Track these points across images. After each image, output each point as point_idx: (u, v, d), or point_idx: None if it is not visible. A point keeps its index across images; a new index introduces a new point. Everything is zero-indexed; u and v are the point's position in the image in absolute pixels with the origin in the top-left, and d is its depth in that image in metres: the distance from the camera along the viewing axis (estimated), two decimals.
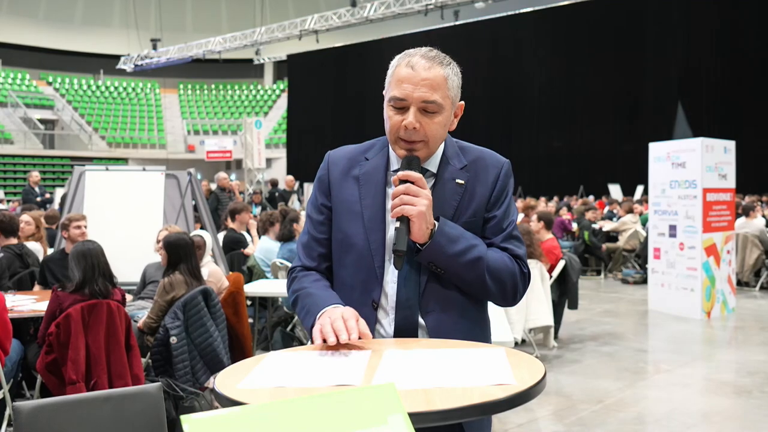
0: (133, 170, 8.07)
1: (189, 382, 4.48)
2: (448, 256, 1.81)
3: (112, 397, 2.28)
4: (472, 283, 1.86)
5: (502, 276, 1.87)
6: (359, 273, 1.88)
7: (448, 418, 1.26)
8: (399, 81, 1.83)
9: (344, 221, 1.92)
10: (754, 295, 10.32)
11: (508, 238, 1.94)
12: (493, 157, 1.99)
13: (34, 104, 34.59)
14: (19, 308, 4.73)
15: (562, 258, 7.06)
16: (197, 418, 0.87)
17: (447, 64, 1.87)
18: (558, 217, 12.91)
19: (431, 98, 1.81)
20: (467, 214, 1.89)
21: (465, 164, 1.94)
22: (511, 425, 4.74)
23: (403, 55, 1.88)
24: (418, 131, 1.81)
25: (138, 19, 35.04)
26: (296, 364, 1.58)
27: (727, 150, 9.04)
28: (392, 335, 1.85)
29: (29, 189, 14.31)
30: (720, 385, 5.80)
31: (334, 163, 1.99)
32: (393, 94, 1.83)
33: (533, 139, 27.17)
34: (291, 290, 1.98)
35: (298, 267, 2.01)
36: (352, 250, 1.89)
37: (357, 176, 1.93)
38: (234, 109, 39.70)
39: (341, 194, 1.94)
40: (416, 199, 1.77)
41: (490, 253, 1.87)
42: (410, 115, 1.80)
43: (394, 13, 24.51)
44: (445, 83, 1.84)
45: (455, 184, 1.90)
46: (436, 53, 1.88)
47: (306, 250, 2.00)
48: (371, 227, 1.88)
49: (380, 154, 1.95)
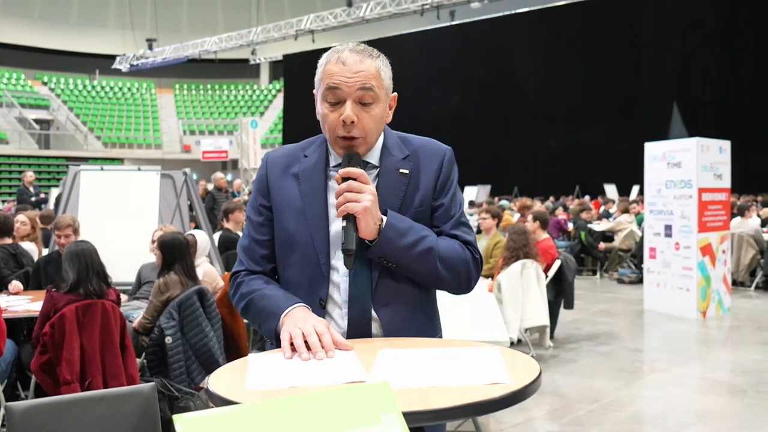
0: (128, 170, 8.05)
1: (184, 383, 4.47)
2: (398, 250, 1.79)
3: (107, 397, 2.27)
4: (425, 274, 1.85)
5: (455, 264, 1.86)
6: (305, 271, 1.85)
7: (442, 417, 1.26)
8: (331, 75, 1.80)
9: (286, 219, 1.88)
10: (749, 295, 10.33)
11: (458, 225, 1.93)
12: (435, 145, 1.97)
13: (29, 104, 34.52)
14: (14, 308, 4.71)
15: (558, 258, 7.06)
16: (189, 417, 0.86)
17: (377, 57, 1.85)
18: (554, 217, 12.93)
19: (367, 85, 1.79)
20: (415, 203, 1.88)
21: (407, 154, 1.92)
22: (507, 425, 4.74)
23: (331, 52, 1.85)
24: (356, 126, 1.79)
25: (133, 19, 34.98)
26: (294, 364, 1.56)
27: (723, 150, 9.05)
28: (346, 330, 1.81)
29: (24, 189, 14.31)
30: (715, 384, 5.81)
31: (273, 162, 1.95)
32: (326, 89, 1.80)
33: (529, 139, 27.19)
34: (239, 295, 1.91)
35: (242, 271, 1.94)
36: (297, 248, 1.86)
37: (296, 173, 1.90)
38: (230, 109, 39.67)
39: (281, 192, 1.90)
40: (360, 195, 1.74)
41: (440, 241, 1.86)
42: (347, 109, 1.78)
43: (390, 13, 24.51)
44: (378, 75, 1.83)
45: (399, 174, 1.88)
46: (365, 47, 1.86)
47: (248, 253, 1.94)
48: (314, 224, 1.84)
49: (318, 151, 1.93)
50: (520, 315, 6.20)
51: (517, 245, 6.45)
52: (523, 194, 22.47)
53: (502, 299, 6.08)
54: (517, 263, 6.29)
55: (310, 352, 1.59)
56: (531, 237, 6.72)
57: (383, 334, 1.82)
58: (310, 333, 1.62)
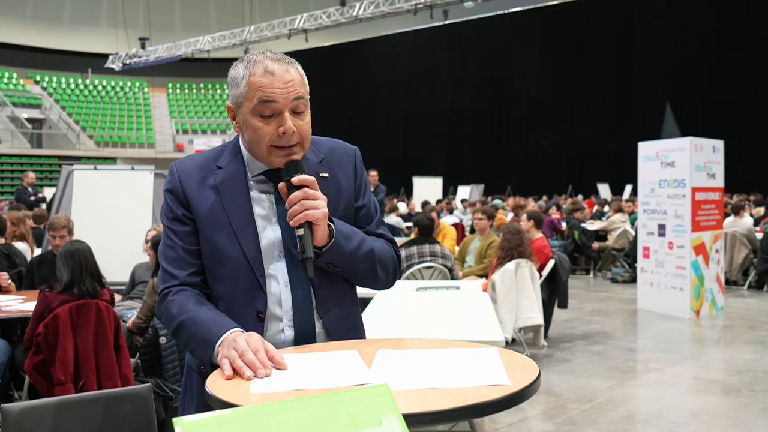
0: (121, 169, 8.03)
1: (179, 383, 4.46)
2: (346, 255, 1.79)
3: (101, 398, 2.26)
4: (363, 275, 1.88)
5: (386, 263, 1.91)
6: (237, 284, 1.78)
7: (442, 419, 1.25)
8: (261, 88, 1.74)
9: (211, 232, 1.80)
10: (742, 294, 10.37)
11: (380, 224, 1.98)
12: (344, 146, 1.99)
13: (21, 103, 34.37)
14: (7, 309, 4.69)
15: (552, 257, 7.07)
16: (189, 420, 0.86)
17: (295, 63, 1.84)
18: (547, 217, 12.95)
19: (300, 93, 1.77)
20: (340, 207, 1.88)
21: (322, 157, 1.91)
22: (502, 425, 4.74)
23: (251, 63, 1.78)
24: (295, 134, 1.76)
25: (126, 18, 34.87)
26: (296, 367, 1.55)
27: (716, 149, 9.07)
28: (292, 341, 1.78)
29: (22, 189, 14.33)
30: (709, 383, 5.82)
31: (185, 173, 1.85)
32: (260, 104, 1.74)
33: (522, 139, 27.25)
34: (168, 316, 1.78)
35: (173, 287, 1.81)
36: (226, 261, 1.79)
37: (214, 185, 1.82)
38: (223, 108, 39.54)
39: (201, 205, 1.81)
40: (317, 202, 1.72)
41: (374, 242, 1.89)
42: (287, 120, 1.74)
43: (383, 13, 24.51)
44: (303, 81, 1.81)
45: (320, 178, 1.85)
46: (282, 54, 1.83)
47: (178, 264, 1.82)
48: (243, 236, 1.78)
49: (234, 161, 1.86)
50: (515, 314, 6.20)
51: (512, 245, 6.45)
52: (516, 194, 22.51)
53: (496, 299, 6.08)
54: (511, 263, 6.29)
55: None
56: (525, 236, 6.72)
57: (329, 339, 1.82)
58: (243, 351, 1.55)
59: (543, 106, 26.39)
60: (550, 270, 6.99)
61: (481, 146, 27.42)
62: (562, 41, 25.68)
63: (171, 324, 1.78)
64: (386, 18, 25.30)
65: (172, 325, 1.77)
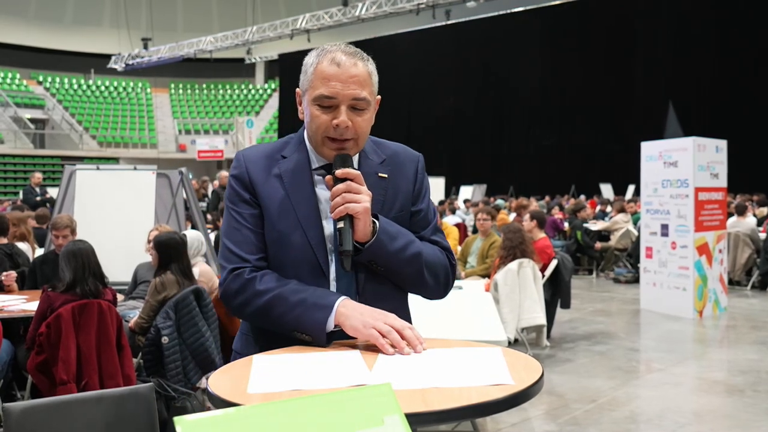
0: (124, 169, 8.03)
1: (181, 383, 4.46)
2: (389, 253, 1.79)
3: (104, 398, 2.26)
4: (410, 278, 1.86)
5: (437, 270, 1.89)
6: (301, 271, 1.80)
7: (445, 419, 1.25)
8: (325, 79, 1.77)
9: (277, 220, 1.82)
10: (745, 294, 10.35)
11: (436, 231, 1.97)
12: (408, 151, 1.99)
13: (24, 104, 34.43)
14: (10, 308, 4.70)
15: (555, 257, 7.06)
16: (190, 419, 0.85)
17: (367, 59, 1.84)
18: (550, 217, 12.94)
19: (361, 95, 1.78)
20: (395, 208, 1.88)
21: (384, 158, 1.92)
22: (505, 425, 4.74)
23: (323, 52, 1.82)
24: (349, 129, 1.78)
25: (129, 19, 34.92)
26: (299, 366, 1.55)
27: (719, 149, 9.05)
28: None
29: (29, 189, 14.42)
30: (712, 384, 5.81)
31: (251, 161, 1.87)
32: (320, 93, 1.77)
33: (524, 139, 27.22)
34: (253, 291, 1.76)
35: (247, 267, 1.80)
36: (291, 248, 1.81)
37: (278, 174, 1.85)
38: (225, 108, 39.62)
39: (267, 192, 1.83)
40: (359, 196, 1.73)
41: (424, 247, 1.88)
42: (342, 114, 1.76)
43: (385, 13, 24.51)
44: (370, 79, 1.82)
45: (378, 178, 1.87)
46: (355, 49, 1.84)
47: (246, 246, 1.82)
48: (308, 224, 1.81)
49: (298, 151, 1.89)
50: (517, 314, 6.20)
51: (514, 244, 6.45)
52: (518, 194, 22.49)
53: (498, 298, 6.08)
54: (513, 262, 6.28)
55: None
56: (527, 235, 6.72)
57: None
58: (402, 327, 1.64)
59: (545, 105, 26.35)
60: (553, 270, 6.98)
61: (483, 146, 27.39)
62: (564, 41, 25.65)
63: (258, 299, 1.75)
64: (388, 18, 25.30)
65: (263, 299, 1.75)
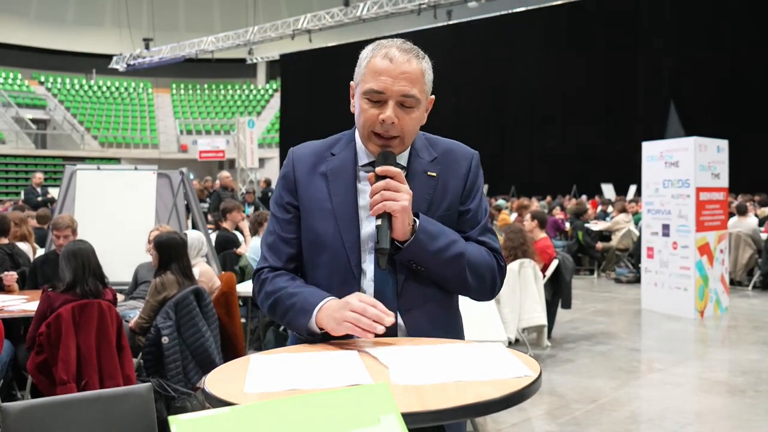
0: (124, 169, 8.03)
1: (181, 383, 4.45)
2: (429, 253, 1.76)
3: (103, 398, 2.26)
4: (452, 280, 1.83)
5: (481, 271, 1.84)
6: (334, 273, 1.81)
7: (441, 418, 1.24)
8: (376, 73, 1.76)
9: (314, 220, 1.83)
10: (747, 294, 10.34)
11: (485, 232, 1.91)
12: (462, 148, 1.95)
13: (26, 104, 34.46)
14: (10, 308, 4.70)
15: (556, 257, 7.05)
16: (185, 418, 0.85)
17: (422, 57, 1.83)
18: (551, 217, 12.94)
19: (410, 92, 1.76)
20: (442, 207, 1.85)
21: (435, 156, 1.89)
22: (505, 425, 4.73)
23: (378, 46, 1.82)
24: (395, 126, 1.76)
25: (130, 19, 34.90)
26: (292, 365, 1.54)
27: (720, 149, 9.04)
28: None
29: (31, 189, 14.44)
30: (713, 384, 5.81)
31: (300, 159, 1.90)
32: (370, 87, 1.76)
33: (526, 139, 27.20)
34: (264, 293, 1.86)
35: (266, 268, 1.89)
36: (326, 249, 1.82)
37: (324, 173, 1.85)
38: (227, 108, 39.62)
39: (309, 192, 1.85)
40: (398, 194, 1.71)
41: (469, 247, 1.84)
42: (389, 110, 1.75)
43: (387, 13, 24.49)
44: (422, 77, 1.80)
45: (427, 176, 1.85)
46: (411, 45, 1.83)
47: (273, 250, 1.89)
48: (344, 225, 1.80)
49: (347, 149, 1.89)
50: (518, 314, 6.19)
51: (515, 244, 6.44)
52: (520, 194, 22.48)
53: (499, 299, 6.07)
54: (514, 262, 6.28)
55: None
56: (527, 235, 6.71)
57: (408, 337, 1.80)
58: (364, 309, 1.62)
59: (547, 106, 26.32)
60: (554, 270, 6.98)
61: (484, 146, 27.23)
62: (565, 41, 25.62)
63: (266, 301, 1.86)
64: (390, 18, 25.29)
65: (268, 302, 1.85)
